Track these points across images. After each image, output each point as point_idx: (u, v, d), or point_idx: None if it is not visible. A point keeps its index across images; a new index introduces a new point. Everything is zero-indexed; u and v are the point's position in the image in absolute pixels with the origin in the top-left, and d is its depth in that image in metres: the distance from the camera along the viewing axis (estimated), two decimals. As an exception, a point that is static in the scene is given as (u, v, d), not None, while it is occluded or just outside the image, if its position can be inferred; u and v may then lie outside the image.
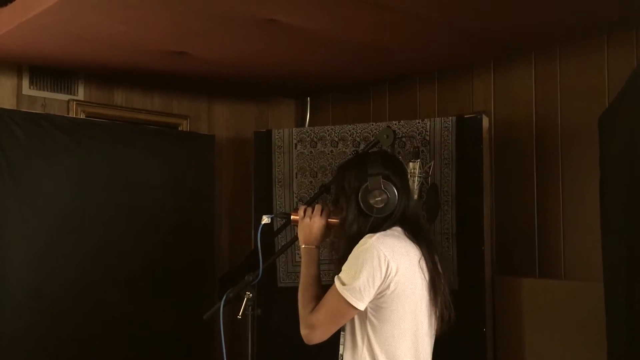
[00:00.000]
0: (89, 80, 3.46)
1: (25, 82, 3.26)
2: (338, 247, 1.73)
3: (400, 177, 1.73)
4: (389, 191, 1.68)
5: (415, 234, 1.70)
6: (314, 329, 1.65)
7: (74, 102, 3.40)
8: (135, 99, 3.65)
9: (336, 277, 1.64)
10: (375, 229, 1.67)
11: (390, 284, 1.60)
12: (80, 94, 3.44)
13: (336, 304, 1.62)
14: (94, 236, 3.14)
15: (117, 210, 3.23)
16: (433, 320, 1.70)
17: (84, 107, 3.44)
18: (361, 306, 1.60)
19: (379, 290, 1.60)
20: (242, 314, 1.82)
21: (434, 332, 1.73)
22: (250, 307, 1.83)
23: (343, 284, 1.60)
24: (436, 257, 1.72)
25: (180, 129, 3.79)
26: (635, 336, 1.91)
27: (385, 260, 1.59)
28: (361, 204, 1.68)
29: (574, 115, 2.96)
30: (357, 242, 1.65)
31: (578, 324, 2.74)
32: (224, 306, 1.81)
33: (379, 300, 1.62)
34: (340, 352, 1.72)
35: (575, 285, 2.84)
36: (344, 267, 1.64)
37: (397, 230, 1.69)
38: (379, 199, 1.67)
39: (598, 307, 2.48)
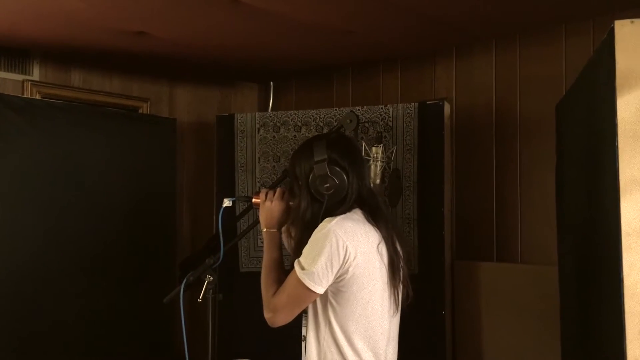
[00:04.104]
0: (44, 60, 3.35)
1: (-23, 61, 3.15)
2: (294, 233, 1.73)
3: (349, 159, 1.71)
4: (336, 176, 1.67)
5: (374, 215, 1.70)
6: (276, 312, 1.66)
7: (29, 83, 3.29)
8: (93, 80, 3.55)
9: (296, 261, 1.64)
10: (331, 213, 1.66)
11: (348, 268, 1.61)
12: (36, 74, 3.33)
13: (296, 288, 1.63)
14: (50, 221, 3.06)
15: (75, 194, 3.15)
16: (393, 300, 1.72)
17: (40, 88, 3.33)
18: (320, 290, 1.61)
19: (338, 275, 1.61)
20: (202, 297, 1.82)
21: (397, 312, 1.75)
22: (210, 291, 1.82)
23: (302, 268, 1.61)
24: (395, 237, 1.74)
25: (140, 112, 3.72)
26: (586, 317, 1.98)
27: (343, 245, 1.60)
28: (312, 191, 1.68)
29: (533, 102, 3.02)
30: (312, 228, 1.65)
31: (533, 306, 2.82)
32: (184, 290, 1.80)
33: (338, 284, 1.63)
34: (304, 333, 1.73)
35: (531, 268, 2.92)
36: (303, 251, 1.64)
37: (357, 213, 1.70)
38: (327, 185, 1.66)
39: (552, 290, 2.56)
